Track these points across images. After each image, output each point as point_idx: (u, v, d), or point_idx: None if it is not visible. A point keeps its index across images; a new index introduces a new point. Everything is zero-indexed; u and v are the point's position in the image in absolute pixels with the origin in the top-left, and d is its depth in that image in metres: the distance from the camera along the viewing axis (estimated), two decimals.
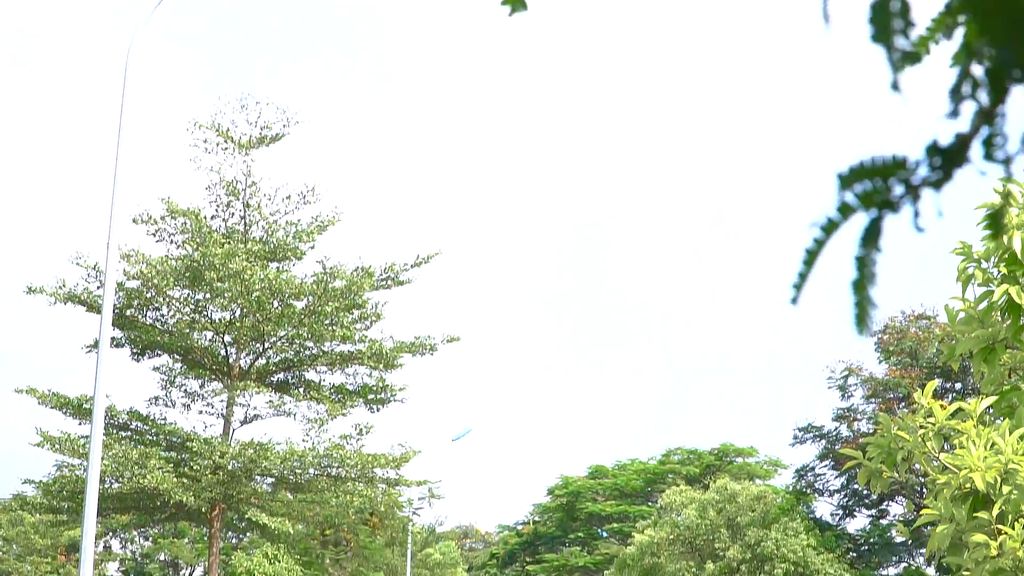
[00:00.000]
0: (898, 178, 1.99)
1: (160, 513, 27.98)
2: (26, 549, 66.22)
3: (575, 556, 69.75)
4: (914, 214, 1.99)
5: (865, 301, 2.07)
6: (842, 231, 2.05)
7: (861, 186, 2.01)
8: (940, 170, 1.97)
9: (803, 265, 2.11)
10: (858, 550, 46.82)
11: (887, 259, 1.98)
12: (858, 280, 2.07)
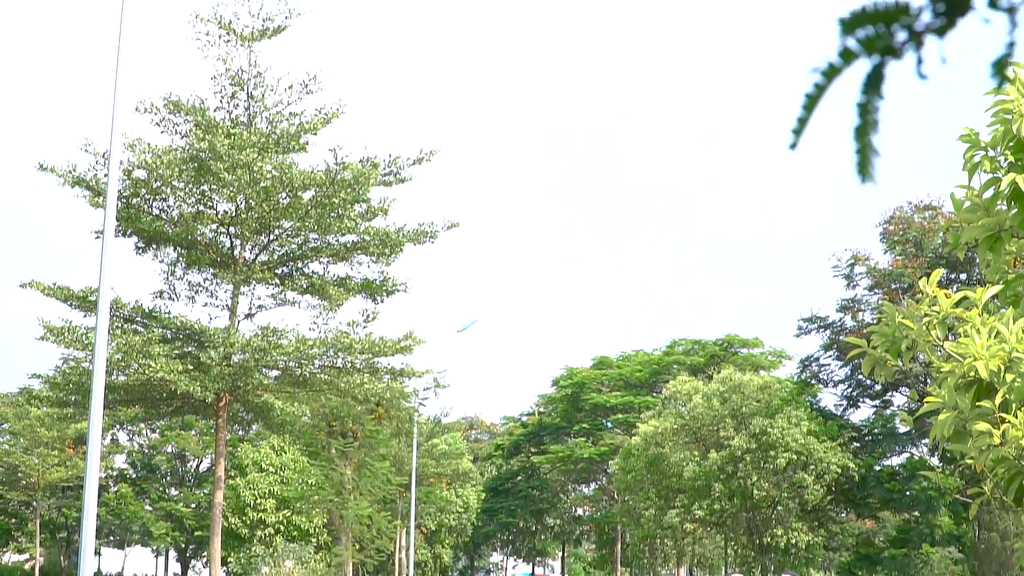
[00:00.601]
0: (901, 24, 1.95)
1: (166, 405, 28.08)
2: (33, 442, 66.57)
3: (580, 447, 70.14)
4: (917, 61, 1.96)
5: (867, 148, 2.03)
6: None
7: (863, 31, 1.97)
8: (943, 16, 1.93)
9: (803, 111, 2.08)
10: (861, 440, 47.03)
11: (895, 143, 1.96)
12: (860, 127, 2.03)
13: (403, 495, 56.19)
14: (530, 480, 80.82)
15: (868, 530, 53.92)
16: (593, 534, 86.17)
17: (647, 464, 48.16)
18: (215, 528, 25.97)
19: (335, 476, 39.66)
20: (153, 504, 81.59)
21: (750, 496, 43.83)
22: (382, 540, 43.62)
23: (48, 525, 76.12)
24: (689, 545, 57.51)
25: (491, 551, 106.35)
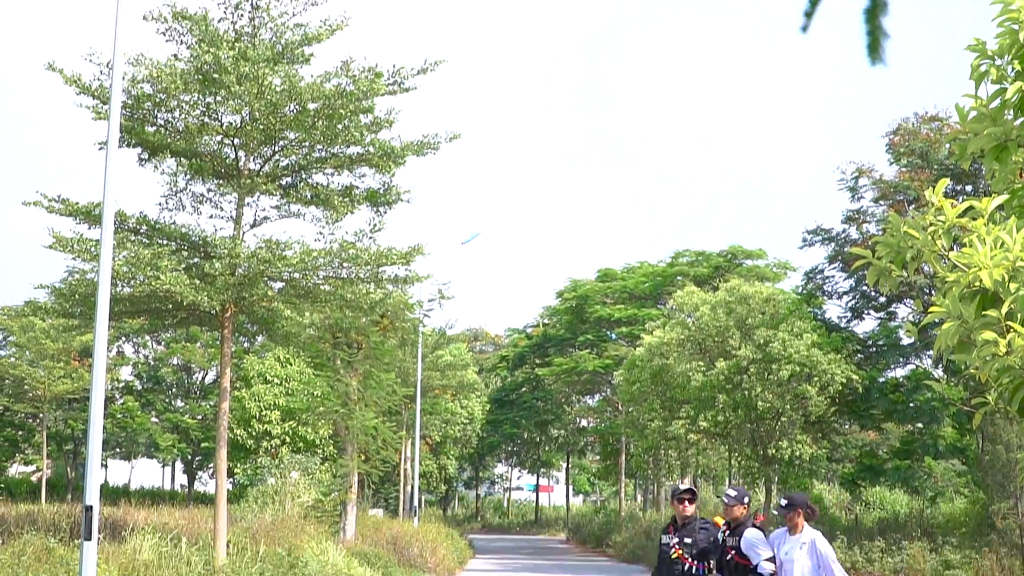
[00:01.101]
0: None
1: (172, 316, 28.12)
2: (39, 355, 66.84)
3: (584, 359, 70.37)
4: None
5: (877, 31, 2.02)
6: None
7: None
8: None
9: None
10: (865, 351, 47.16)
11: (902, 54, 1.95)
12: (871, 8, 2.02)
13: (408, 406, 56.47)
14: (534, 391, 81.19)
15: (871, 442, 54.22)
16: (597, 445, 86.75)
17: (651, 375, 48.33)
18: (221, 440, 26.10)
19: (340, 387, 39.77)
20: (159, 416, 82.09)
21: (754, 408, 44.02)
22: (387, 451, 43.82)
23: (54, 437, 76.61)
24: (693, 456, 57.85)
25: (496, 462, 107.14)
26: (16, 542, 20.18)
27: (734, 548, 14.25)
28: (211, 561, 22.81)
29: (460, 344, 78.15)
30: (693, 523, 14.96)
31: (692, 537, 14.76)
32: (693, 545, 14.69)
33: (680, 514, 15.05)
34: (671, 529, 15.08)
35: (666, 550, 14.87)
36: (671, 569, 14.73)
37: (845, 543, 42.47)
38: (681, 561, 14.65)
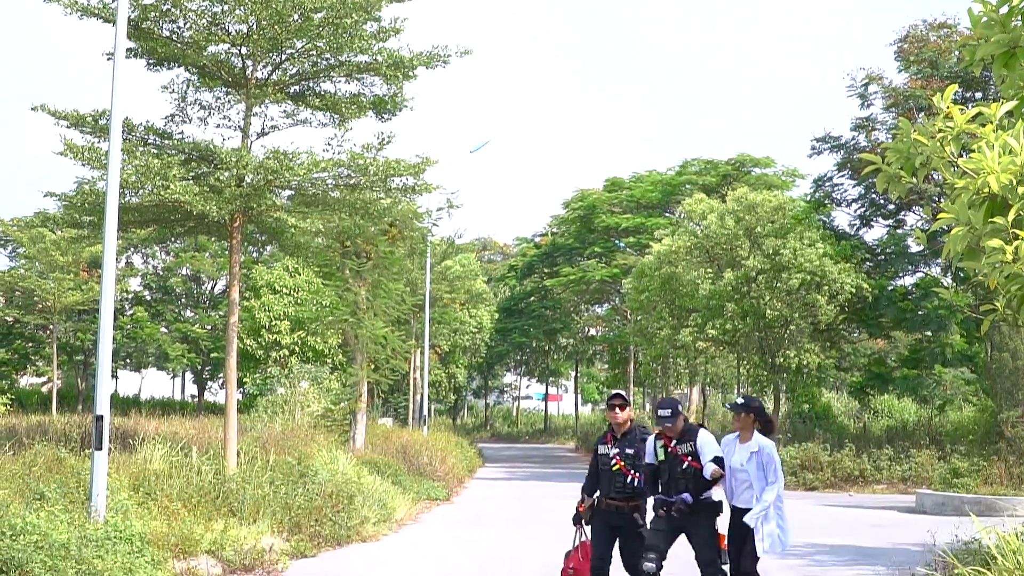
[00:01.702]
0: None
1: (180, 226, 28.10)
2: (48, 266, 66.88)
3: (592, 269, 70.36)
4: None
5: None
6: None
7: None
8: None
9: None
10: (874, 259, 47.14)
11: None
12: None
13: (417, 316, 56.57)
14: (543, 301, 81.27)
15: (880, 350, 54.34)
16: (606, 354, 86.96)
17: (660, 283, 48.35)
18: (230, 350, 26.16)
19: (349, 297, 39.81)
20: (168, 326, 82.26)
21: (763, 316, 44.06)
22: (397, 360, 43.95)
23: (65, 349, 76.83)
24: (702, 364, 57.99)
25: (505, 371, 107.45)
26: (27, 452, 20.30)
27: (689, 455, 13.34)
28: (222, 470, 22.94)
29: (469, 254, 78.15)
30: (633, 432, 14.03)
31: (634, 448, 13.86)
32: (636, 456, 13.79)
33: (613, 421, 14.06)
34: (608, 439, 14.07)
35: (606, 461, 13.92)
36: (611, 482, 13.79)
37: (853, 451, 42.69)
38: (624, 474, 13.75)
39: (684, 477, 13.25)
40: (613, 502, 13.76)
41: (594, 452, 14.26)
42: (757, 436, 13.31)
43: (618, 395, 14.05)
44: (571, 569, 13.88)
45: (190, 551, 17.06)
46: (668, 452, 13.41)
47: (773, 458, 13.14)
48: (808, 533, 25.56)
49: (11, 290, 71.23)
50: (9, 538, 12.76)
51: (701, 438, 13.43)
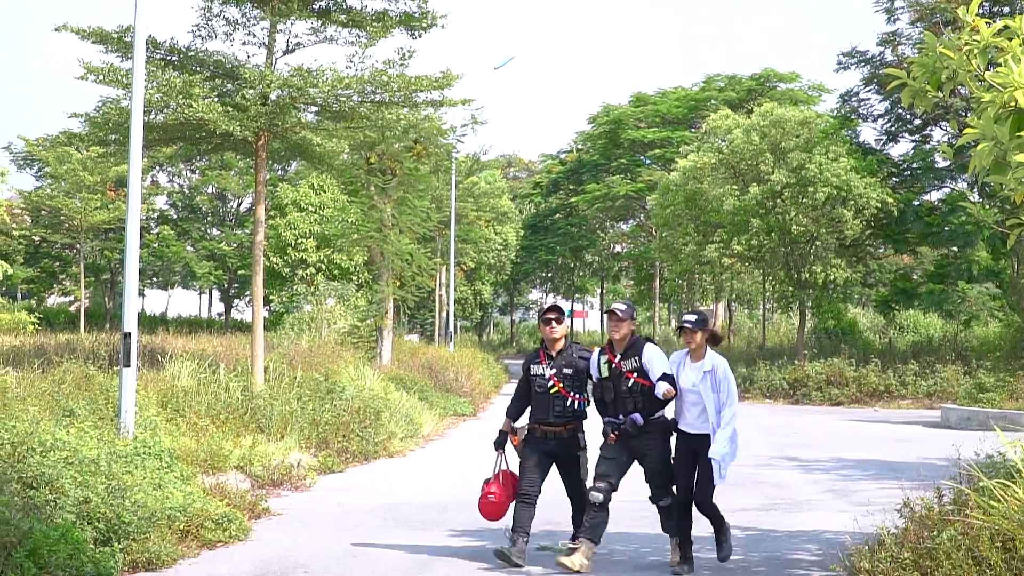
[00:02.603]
0: None
1: (205, 144, 28.08)
2: (75, 186, 66.91)
3: (617, 184, 70.17)
4: None
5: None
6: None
7: None
8: None
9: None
10: (900, 175, 46.96)
11: None
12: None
13: (443, 233, 56.59)
14: (568, 218, 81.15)
15: (906, 266, 54.20)
16: (631, 270, 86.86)
17: (685, 199, 48.22)
18: (257, 268, 26.23)
19: (374, 214, 39.81)
20: (195, 244, 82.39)
21: (788, 231, 43.95)
22: (423, 277, 44.03)
23: (92, 268, 77.02)
24: (727, 280, 57.95)
25: (530, 288, 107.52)
26: (56, 370, 20.43)
27: (635, 371, 12.08)
28: (249, 387, 23.08)
29: (494, 171, 77.98)
30: (570, 350, 12.75)
31: (573, 367, 12.58)
32: (575, 376, 12.53)
33: (548, 337, 12.72)
34: (542, 357, 12.72)
35: (542, 383, 12.56)
36: (549, 406, 12.49)
37: (879, 366, 42.73)
38: (563, 396, 12.48)
39: (631, 396, 12.09)
40: (551, 427, 12.53)
41: (525, 372, 12.87)
42: (710, 354, 12.22)
43: (555, 307, 12.84)
44: (491, 495, 12.60)
45: (219, 467, 17.21)
46: (612, 368, 12.20)
47: (728, 377, 12.10)
48: (833, 448, 25.67)
49: (38, 210, 71.38)
50: (39, 454, 12.88)
51: (648, 352, 12.19)
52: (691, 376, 12.11)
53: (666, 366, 12.13)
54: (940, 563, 8.61)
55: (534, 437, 12.61)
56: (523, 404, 12.86)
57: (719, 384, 12.00)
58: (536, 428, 12.60)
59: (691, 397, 12.09)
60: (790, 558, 12.99)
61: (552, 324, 12.63)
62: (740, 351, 51.93)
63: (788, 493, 18.36)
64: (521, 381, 12.91)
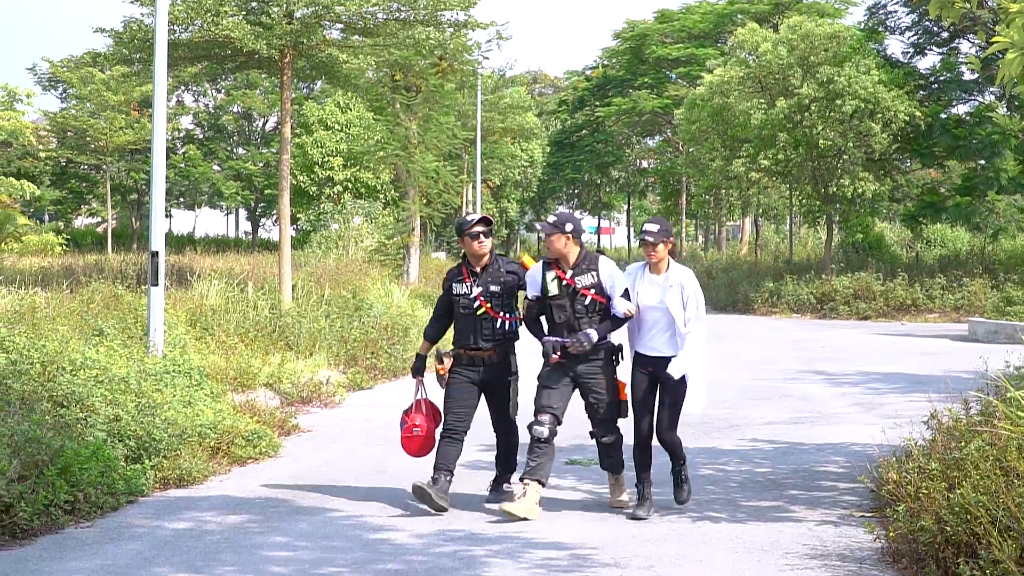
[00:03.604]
0: None
1: (231, 63, 28.04)
2: (99, 106, 66.90)
3: (644, 99, 69.81)
4: None
5: None
6: None
7: None
8: None
9: None
10: (928, 87, 46.60)
11: None
12: None
13: (468, 150, 56.49)
14: (595, 134, 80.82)
15: (933, 180, 53.89)
16: (658, 186, 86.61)
17: (712, 114, 47.94)
18: (283, 186, 26.28)
19: (400, 131, 39.78)
20: (221, 164, 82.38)
21: (815, 145, 43.69)
22: (449, 194, 44.09)
23: (118, 189, 77.14)
24: (754, 195, 57.75)
25: (557, 205, 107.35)
26: (84, 290, 20.51)
27: (592, 287, 10.82)
28: (277, 304, 23.18)
29: (519, 87, 77.59)
30: (496, 265, 11.38)
31: (500, 284, 11.25)
32: (503, 294, 11.26)
33: (476, 253, 11.32)
34: (465, 274, 11.37)
35: (466, 303, 11.27)
36: (476, 328, 11.22)
37: (906, 280, 42.64)
38: (491, 317, 11.20)
39: (587, 315, 10.85)
40: (478, 352, 11.22)
41: (446, 291, 11.54)
42: (675, 267, 10.90)
43: (484, 220, 11.40)
44: (416, 427, 11.37)
45: (248, 384, 17.31)
46: (563, 285, 10.89)
47: (696, 292, 10.86)
48: (860, 361, 25.68)
49: (63, 131, 71.42)
50: (69, 373, 12.96)
51: (605, 266, 10.93)
52: (653, 292, 10.85)
53: (624, 283, 10.90)
54: (968, 473, 8.61)
55: (460, 364, 11.31)
56: (443, 325, 11.59)
57: (687, 299, 10.77)
58: (462, 354, 11.30)
59: (652, 316, 10.84)
60: (818, 470, 13.04)
61: (480, 238, 11.26)
62: (767, 266, 51.82)
63: (815, 406, 18.40)
64: (441, 300, 11.61)
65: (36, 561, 9.28)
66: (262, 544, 9.73)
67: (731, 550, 9.61)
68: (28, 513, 10.04)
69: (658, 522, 10.69)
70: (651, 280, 10.86)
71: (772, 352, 28.17)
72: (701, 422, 16.21)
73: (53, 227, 66.55)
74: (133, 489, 11.50)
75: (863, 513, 10.77)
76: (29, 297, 18.82)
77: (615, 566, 9.11)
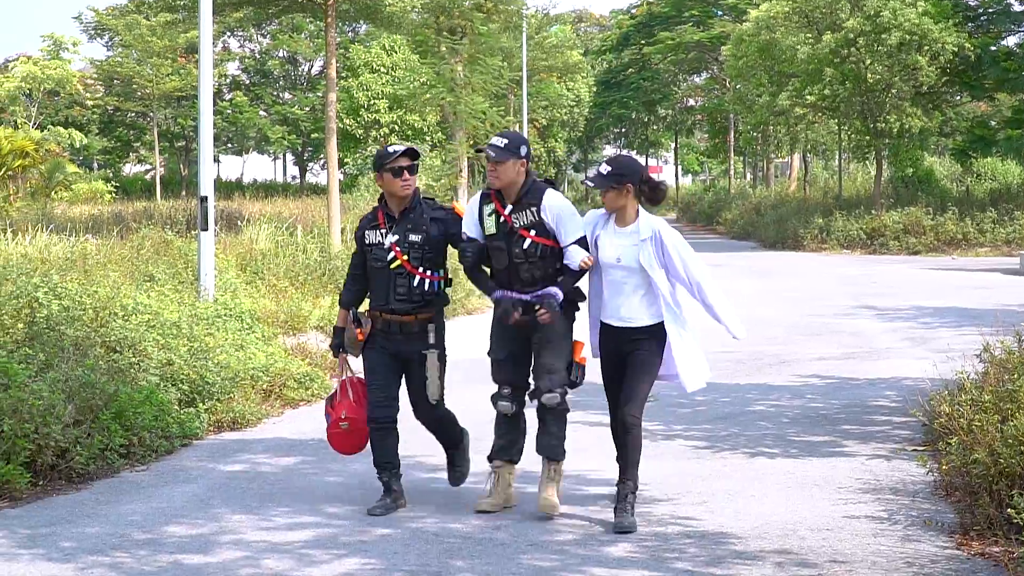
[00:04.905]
0: None
1: (275, 6, 28.04)
2: (145, 53, 67.17)
3: (689, 32, 69.36)
4: None
5: None
6: None
7: None
8: None
9: None
10: (977, 19, 46.10)
11: None
12: None
13: (515, 90, 56.32)
14: (641, 72, 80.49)
15: (983, 113, 53.38)
16: (705, 124, 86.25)
17: (758, 50, 47.56)
18: (330, 130, 26.30)
19: (446, 73, 39.67)
20: (268, 109, 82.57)
21: (863, 80, 43.34)
22: None
23: (165, 135, 77.53)
24: (802, 131, 57.37)
25: (604, 144, 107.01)
26: (135, 236, 20.64)
27: (532, 227, 8.53)
28: (327, 248, 23.24)
29: (564, 26, 77.21)
30: (420, 210, 8.99)
31: (421, 233, 8.88)
32: (425, 244, 8.87)
33: (396, 194, 8.93)
34: (381, 219, 9.00)
35: (379, 254, 8.91)
36: (390, 286, 8.86)
37: (956, 214, 42.32)
38: (408, 273, 8.82)
39: (528, 262, 8.59)
40: (395, 317, 8.90)
41: (359, 242, 9.16)
42: (644, 216, 8.57)
43: (410, 152, 8.98)
44: (343, 421, 9.12)
45: (299, 327, 17.38)
46: (501, 222, 8.65)
47: (680, 243, 8.55)
48: (911, 296, 25.55)
49: (110, 79, 71.79)
50: (122, 318, 13.06)
51: (550, 202, 8.61)
52: (619, 246, 8.53)
53: (580, 226, 8.58)
54: (1021, 405, 8.56)
55: (376, 332, 9.02)
56: (362, 286, 9.21)
57: (667, 254, 8.46)
58: (376, 317, 9.02)
59: (617, 275, 8.54)
60: (870, 405, 13.00)
61: (404, 175, 8.88)
62: (816, 202, 51.54)
63: (866, 342, 18.33)
64: (356, 255, 9.25)
65: (93, 504, 9.38)
66: (316, 485, 9.81)
67: (784, 485, 9.62)
68: (84, 457, 10.14)
69: (710, 458, 10.70)
70: (616, 232, 8.56)
71: (822, 288, 28.07)
72: (752, 358, 16.21)
73: (102, 175, 67.05)
74: (187, 432, 11.60)
75: (916, 447, 10.75)
76: (80, 244, 18.97)
77: (667, 501, 9.14)
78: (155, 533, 8.46)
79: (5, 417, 9.65)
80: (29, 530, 8.57)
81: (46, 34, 75.96)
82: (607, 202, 8.51)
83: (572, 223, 8.53)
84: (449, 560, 7.66)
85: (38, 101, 69.82)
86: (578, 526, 8.40)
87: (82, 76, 73.63)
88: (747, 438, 11.41)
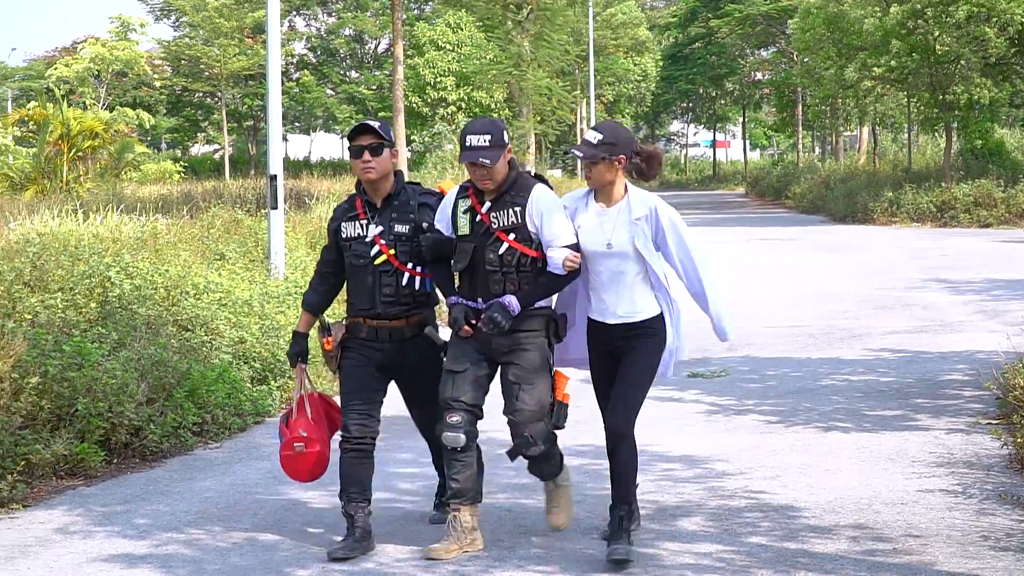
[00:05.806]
0: None
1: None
2: (213, 33, 67.52)
3: (757, 5, 68.95)
4: None
5: None
6: None
7: None
8: None
9: None
10: None
11: None
12: None
13: (581, 66, 56.21)
14: (708, 46, 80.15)
15: None
16: (773, 98, 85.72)
17: (826, 22, 47.22)
18: (397, 108, 26.43)
19: (512, 49, 39.68)
20: (335, 88, 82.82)
21: (932, 52, 42.92)
22: (562, 111, 43.91)
23: (233, 115, 77.93)
24: (871, 104, 56.89)
25: (671, 119, 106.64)
26: (204, 215, 20.75)
27: (512, 230, 7.12)
28: None
29: (630, 1, 76.97)
30: (405, 196, 7.58)
31: (409, 223, 7.44)
32: (414, 236, 7.42)
33: (368, 178, 7.47)
34: (360, 208, 7.53)
35: (361, 250, 7.45)
36: (374, 286, 7.42)
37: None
38: (396, 270, 7.40)
39: (501, 271, 7.14)
40: (382, 322, 7.48)
41: (332, 234, 7.67)
42: (635, 192, 7.25)
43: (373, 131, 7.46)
44: (299, 443, 7.70)
45: None
46: (477, 221, 7.21)
47: (678, 223, 7.23)
48: (983, 269, 25.30)
49: (178, 59, 72.24)
50: (193, 297, 13.14)
51: (537, 201, 7.21)
52: (601, 229, 7.18)
53: (571, 233, 7.13)
54: None
55: (357, 340, 7.57)
56: (331, 287, 7.80)
57: (663, 237, 7.18)
58: (360, 324, 7.55)
59: (610, 264, 7.16)
60: (942, 379, 12.89)
61: (365, 155, 7.38)
62: (886, 175, 51.07)
63: (938, 315, 18.17)
64: (326, 251, 7.82)
65: (167, 482, 9.48)
66: (388, 460, 9.82)
67: (857, 459, 9.57)
68: (157, 435, 10.24)
69: (783, 433, 10.66)
70: (599, 213, 7.22)
71: (892, 261, 27.84)
72: (823, 332, 16.13)
73: (170, 155, 67.55)
74: (260, 410, 11.68)
75: (989, 420, 10.67)
76: (150, 224, 19.05)
77: (740, 475, 9.12)
78: (229, 510, 8.54)
79: (79, 396, 9.76)
80: (104, 508, 8.66)
81: (114, 16, 76.55)
82: (594, 175, 7.14)
83: (558, 224, 7.12)
84: (521, 536, 7.67)
85: (107, 82, 70.37)
86: (649, 501, 8.37)
87: (150, 57, 74.08)
88: (819, 412, 11.35)
